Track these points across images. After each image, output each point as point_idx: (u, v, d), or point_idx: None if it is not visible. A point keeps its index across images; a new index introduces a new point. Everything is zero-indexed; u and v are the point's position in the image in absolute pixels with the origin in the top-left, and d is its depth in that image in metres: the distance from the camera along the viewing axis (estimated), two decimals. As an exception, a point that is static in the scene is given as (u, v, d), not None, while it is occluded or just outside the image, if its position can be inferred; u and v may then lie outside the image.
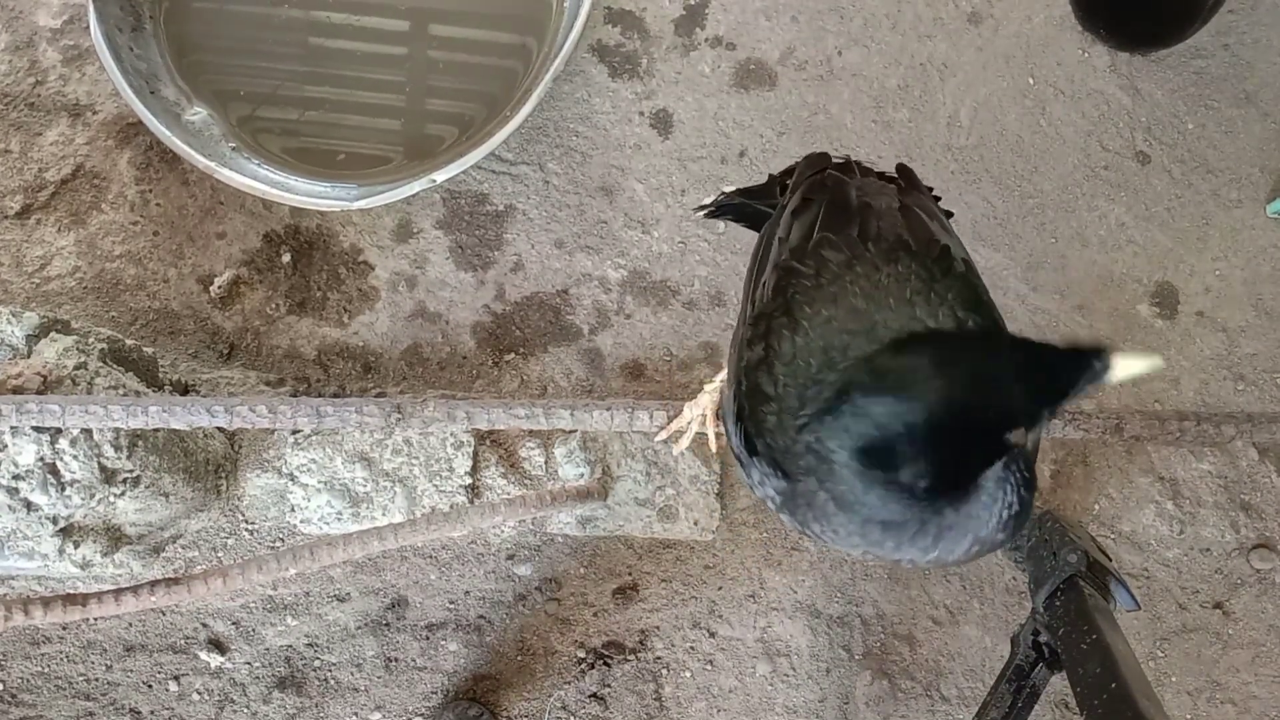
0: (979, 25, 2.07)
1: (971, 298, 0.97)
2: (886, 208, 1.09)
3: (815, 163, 1.22)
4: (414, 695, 1.80)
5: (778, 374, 0.95)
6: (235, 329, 1.90)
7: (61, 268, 1.90)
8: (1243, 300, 1.97)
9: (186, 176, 1.93)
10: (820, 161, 1.22)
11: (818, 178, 1.16)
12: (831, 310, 0.95)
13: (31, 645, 1.79)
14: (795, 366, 0.94)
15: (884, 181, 1.21)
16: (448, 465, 1.73)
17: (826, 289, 0.98)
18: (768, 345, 0.97)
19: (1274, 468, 1.89)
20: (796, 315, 0.97)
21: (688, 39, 2.04)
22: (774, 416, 0.94)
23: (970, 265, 1.03)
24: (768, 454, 0.95)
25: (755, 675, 1.82)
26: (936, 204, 1.19)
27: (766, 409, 0.95)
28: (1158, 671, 1.84)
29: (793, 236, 1.07)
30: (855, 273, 0.98)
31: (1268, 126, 2.03)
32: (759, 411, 0.96)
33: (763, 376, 0.96)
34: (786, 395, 0.93)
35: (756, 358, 0.98)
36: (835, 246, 1.01)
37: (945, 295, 0.96)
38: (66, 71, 1.97)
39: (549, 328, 1.93)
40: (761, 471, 0.97)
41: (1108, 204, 2.00)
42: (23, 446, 1.35)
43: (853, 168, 1.22)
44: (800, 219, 1.09)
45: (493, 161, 1.96)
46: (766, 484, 0.97)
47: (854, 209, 1.06)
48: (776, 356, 0.96)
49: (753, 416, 0.97)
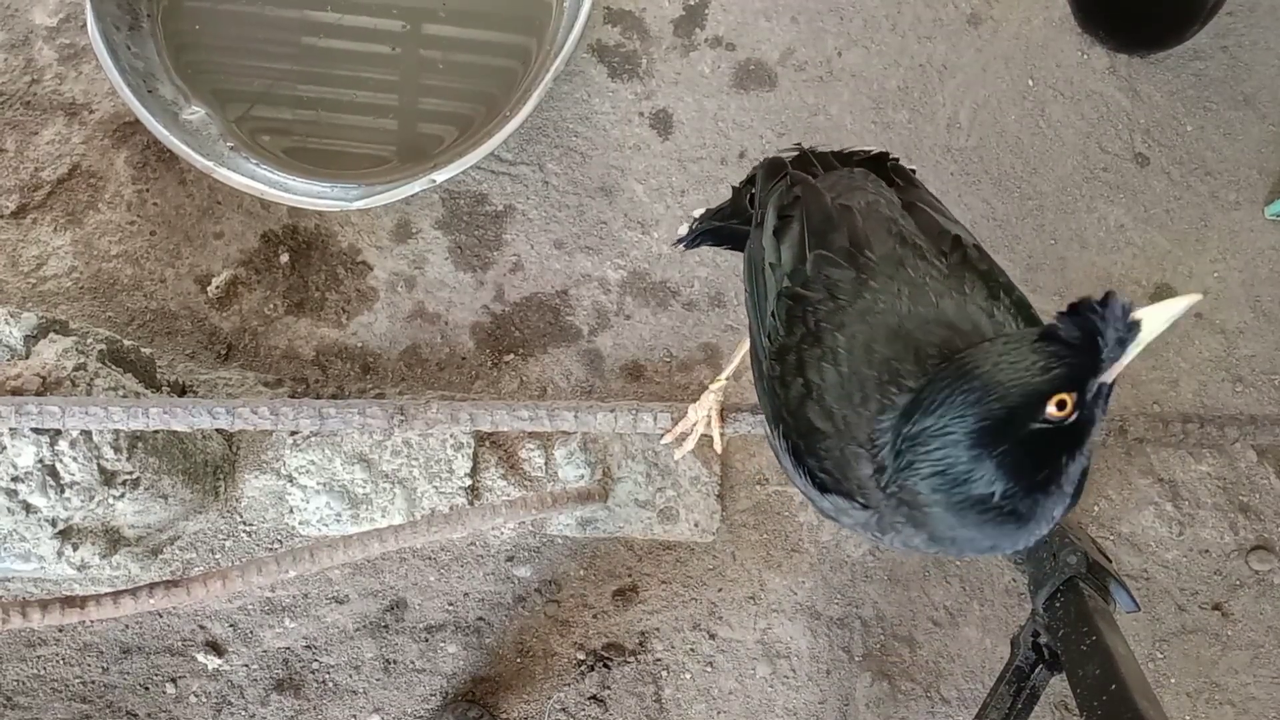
0: (978, 27, 2.07)
1: (991, 285, 0.96)
2: (866, 205, 1.06)
3: (774, 170, 1.17)
4: (413, 697, 1.79)
5: (829, 406, 0.93)
6: (233, 329, 1.90)
7: (58, 267, 1.89)
8: (1241, 302, 1.97)
9: (184, 176, 1.92)
10: (778, 169, 1.17)
11: (787, 188, 1.12)
12: (865, 331, 0.93)
13: (27, 647, 1.78)
14: (848, 394, 0.92)
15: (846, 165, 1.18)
16: (447, 467, 1.72)
17: (849, 309, 0.95)
18: (806, 380, 0.95)
19: (1273, 469, 1.89)
20: (828, 342, 0.95)
21: (687, 39, 2.04)
22: (837, 451, 0.92)
23: (981, 250, 1.01)
24: (837, 488, 0.93)
25: (755, 677, 1.82)
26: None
27: (824, 445, 0.93)
28: (1157, 673, 1.84)
29: (785, 260, 1.04)
30: (872, 289, 0.96)
31: (1266, 129, 2.04)
32: (816, 449, 0.94)
33: (813, 411, 0.94)
34: (850, 427, 0.91)
35: (798, 394, 0.96)
36: (835, 264, 0.99)
37: (964, 289, 0.95)
38: (63, 70, 1.96)
39: (548, 328, 1.92)
40: (836, 506, 0.95)
41: (1107, 206, 2.00)
42: (22, 448, 1.34)
43: (811, 160, 1.18)
44: (785, 240, 1.06)
45: (492, 162, 1.95)
46: (845, 515, 0.95)
47: (835, 217, 1.03)
48: (823, 390, 0.94)
49: (812, 453, 0.95)
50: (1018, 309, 0.96)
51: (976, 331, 0.92)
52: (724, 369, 1.41)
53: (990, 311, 0.94)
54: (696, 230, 1.33)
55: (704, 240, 1.35)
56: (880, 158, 1.23)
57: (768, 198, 1.13)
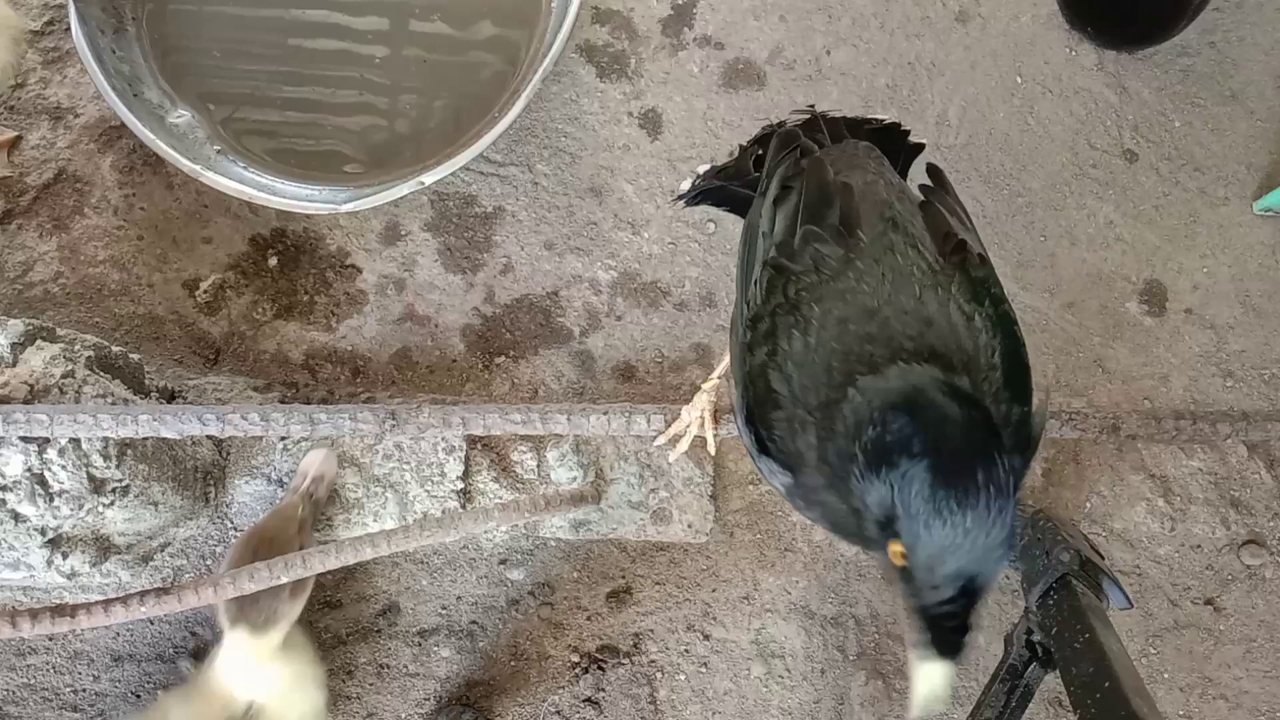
0: (966, 24, 2.07)
1: (979, 291, 0.96)
2: (865, 184, 1.06)
3: (786, 142, 1.17)
4: (407, 702, 1.79)
5: (789, 373, 0.94)
6: (221, 334, 1.88)
7: (44, 273, 1.88)
8: (1230, 297, 1.98)
9: (171, 180, 1.91)
10: (790, 140, 1.17)
11: (795, 160, 1.13)
12: (842, 309, 0.94)
13: (17, 656, 1.76)
14: (811, 367, 0.92)
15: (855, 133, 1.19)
16: (439, 470, 1.71)
17: (831, 285, 0.96)
18: (774, 346, 0.96)
19: (1263, 464, 1.90)
20: (803, 312, 0.95)
21: (676, 39, 2.03)
22: (785, 418, 0.94)
23: (985, 260, 1.01)
24: (779, 456, 0.95)
25: (750, 677, 1.82)
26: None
27: (776, 414, 0.95)
28: (1150, 668, 1.85)
29: (777, 230, 1.05)
30: (857, 269, 0.96)
31: (1253, 124, 2.04)
32: (769, 416, 0.95)
33: (774, 376, 0.95)
34: (803, 396, 0.92)
35: (762, 359, 0.97)
36: (823, 240, 0.99)
37: (950, 288, 0.95)
38: (47, 74, 1.95)
39: (539, 330, 1.91)
40: (769, 468, 0.98)
41: (1096, 202, 2.00)
42: (10, 457, 1.33)
43: (820, 126, 1.19)
44: (781, 210, 1.06)
45: (481, 163, 1.95)
46: (774, 477, 0.98)
47: (832, 194, 1.03)
48: (787, 356, 0.95)
49: (762, 420, 0.96)
50: (998, 322, 0.95)
51: (953, 334, 0.91)
52: (715, 369, 1.41)
53: (971, 316, 0.93)
54: (699, 188, 1.33)
55: (705, 199, 1.34)
56: (891, 128, 1.22)
57: (776, 168, 1.13)
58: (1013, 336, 0.96)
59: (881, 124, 1.25)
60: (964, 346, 0.91)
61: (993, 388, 0.91)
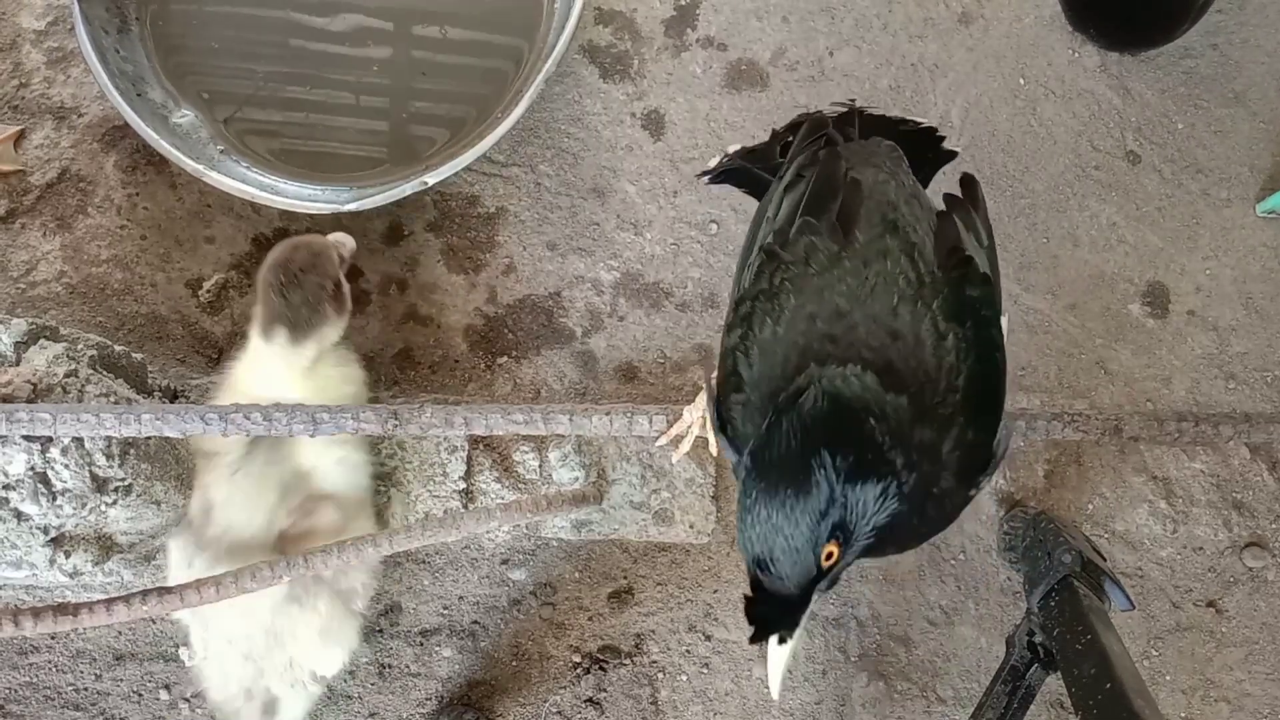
0: (969, 26, 2.07)
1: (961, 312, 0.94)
2: (875, 183, 1.05)
3: (815, 129, 1.18)
4: (408, 702, 1.79)
5: (754, 359, 0.96)
6: (224, 334, 1.89)
7: (47, 273, 1.88)
8: (1233, 299, 1.98)
9: (174, 180, 1.91)
10: (818, 128, 1.18)
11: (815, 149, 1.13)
12: (815, 306, 0.94)
13: (19, 655, 1.77)
14: (772, 356, 0.94)
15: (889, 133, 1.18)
16: (441, 470, 1.72)
17: (813, 279, 0.96)
18: (748, 330, 0.97)
19: (1265, 466, 1.90)
20: (782, 302, 0.96)
21: (679, 40, 2.03)
22: (740, 405, 0.96)
23: (988, 281, 1.00)
24: (732, 437, 0.99)
25: (752, 678, 1.82)
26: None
27: (736, 395, 0.97)
28: (1152, 670, 1.84)
29: (779, 216, 1.05)
30: (844, 268, 0.96)
31: (1256, 126, 2.04)
32: (729, 398, 0.98)
33: (740, 359, 0.97)
34: (760, 383, 0.94)
35: (734, 341, 0.99)
36: (817, 232, 0.99)
37: (931, 303, 0.94)
38: (51, 74, 1.95)
39: (541, 330, 1.92)
40: (725, 445, 1.01)
41: (1099, 204, 2.00)
42: (13, 456, 1.33)
43: (853, 121, 1.19)
44: (789, 197, 1.07)
45: (484, 163, 1.95)
46: (730, 455, 1.01)
47: (838, 188, 1.03)
48: (755, 341, 0.96)
49: (724, 399, 0.99)
50: (975, 344, 0.94)
51: (916, 350, 0.91)
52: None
53: (945, 335, 0.92)
54: (725, 165, 1.33)
55: (729, 179, 1.35)
56: (927, 132, 1.22)
57: (797, 155, 1.14)
58: (989, 360, 0.95)
59: (919, 126, 1.25)
60: (925, 364, 0.91)
61: (948, 409, 0.90)
